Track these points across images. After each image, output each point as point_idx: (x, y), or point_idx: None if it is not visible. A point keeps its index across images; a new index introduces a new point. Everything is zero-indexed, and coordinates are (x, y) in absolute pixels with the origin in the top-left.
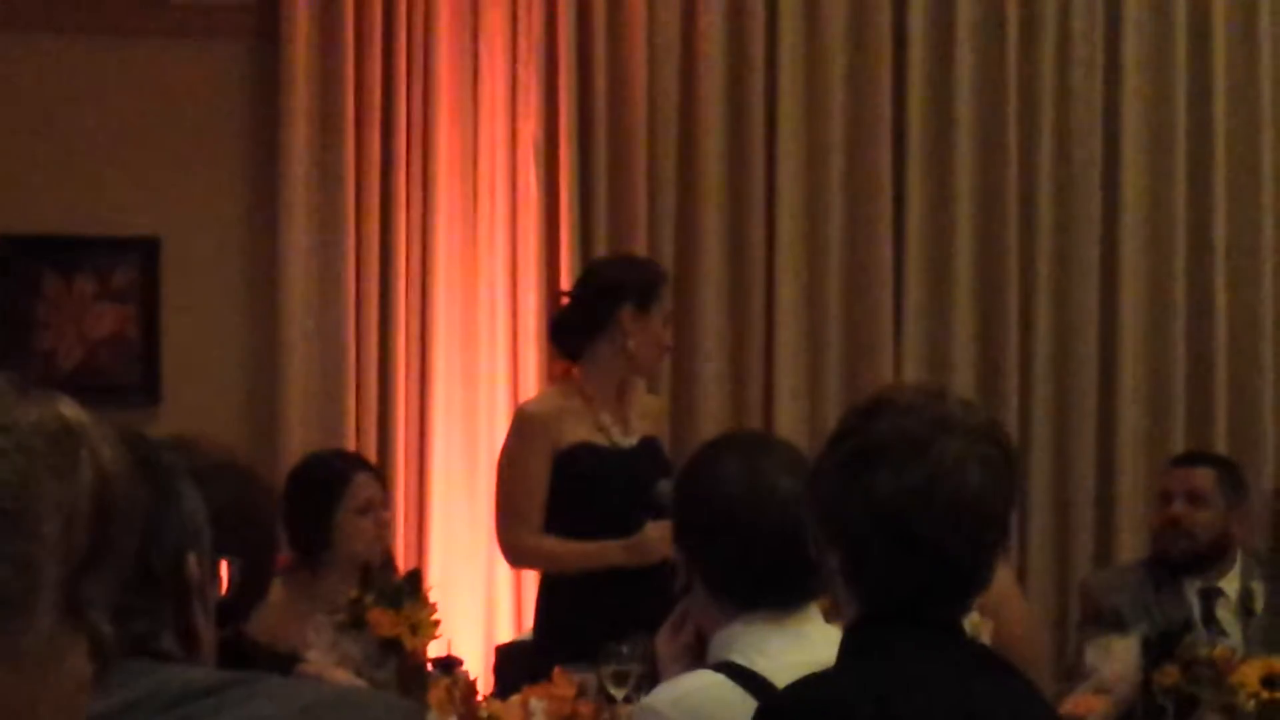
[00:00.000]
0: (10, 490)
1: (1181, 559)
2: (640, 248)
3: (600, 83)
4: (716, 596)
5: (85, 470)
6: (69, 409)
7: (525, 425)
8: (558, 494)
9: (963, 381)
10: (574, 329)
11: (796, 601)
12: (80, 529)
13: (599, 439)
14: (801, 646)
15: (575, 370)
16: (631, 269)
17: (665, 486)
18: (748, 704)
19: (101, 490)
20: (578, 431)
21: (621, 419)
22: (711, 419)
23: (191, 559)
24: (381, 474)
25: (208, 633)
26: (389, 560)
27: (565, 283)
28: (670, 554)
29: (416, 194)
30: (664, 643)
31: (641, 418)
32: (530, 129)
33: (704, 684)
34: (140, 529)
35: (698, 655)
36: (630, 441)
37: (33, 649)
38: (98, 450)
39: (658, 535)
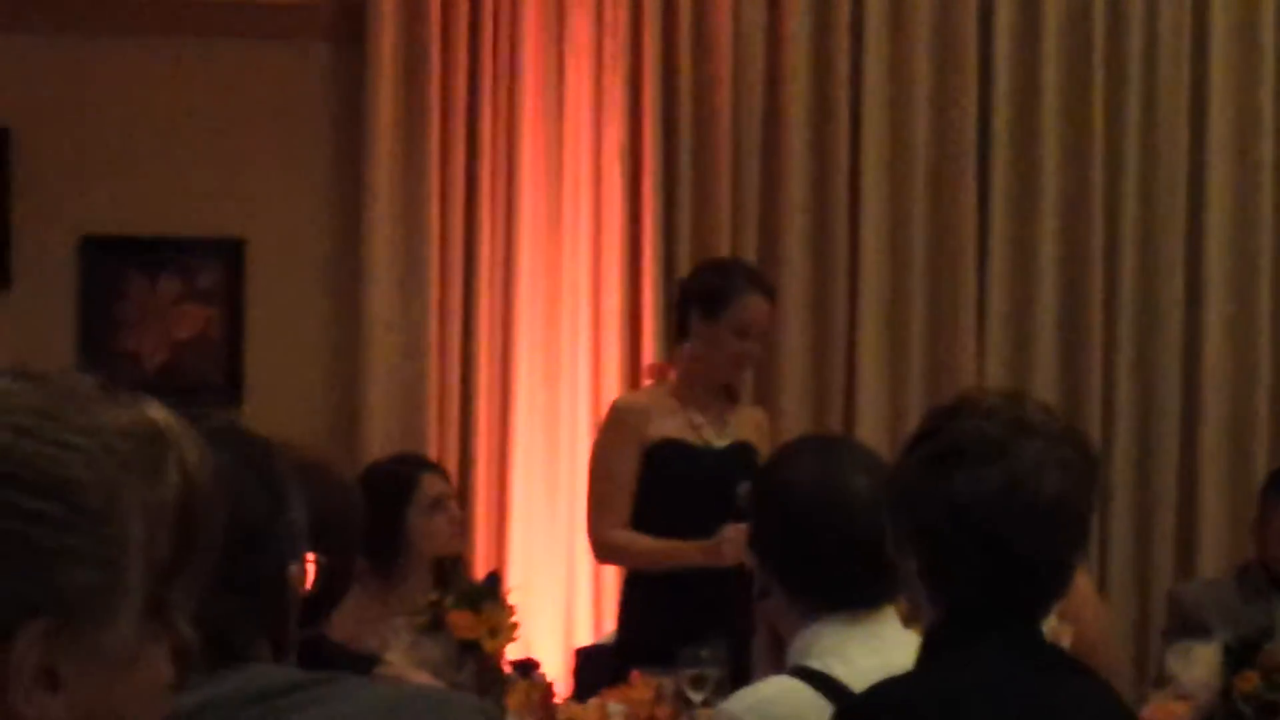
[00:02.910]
0: (97, 492)
1: None
2: (723, 251)
3: (684, 86)
4: (794, 599)
5: (172, 474)
6: (157, 412)
7: (615, 418)
8: (644, 489)
9: (1045, 386)
10: (674, 328)
11: (873, 603)
12: (165, 533)
13: (689, 436)
14: (878, 650)
15: (672, 369)
16: (705, 275)
17: (745, 489)
18: (825, 709)
19: (187, 495)
20: (667, 427)
21: (718, 420)
22: (793, 420)
23: (294, 568)
24: (446, 472)
25: (294, 636)
26: (459, 556)
27: (648, 286)
28: (747, 558)
29: (500, 196)
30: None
31: (743, 423)
32: (615, 133)
33: (781, 690)
34: (226, 533)
35: (777, 659)
36: (723, 443)
37: (114, 650)
38: (184, 454)
39: (734, 538)
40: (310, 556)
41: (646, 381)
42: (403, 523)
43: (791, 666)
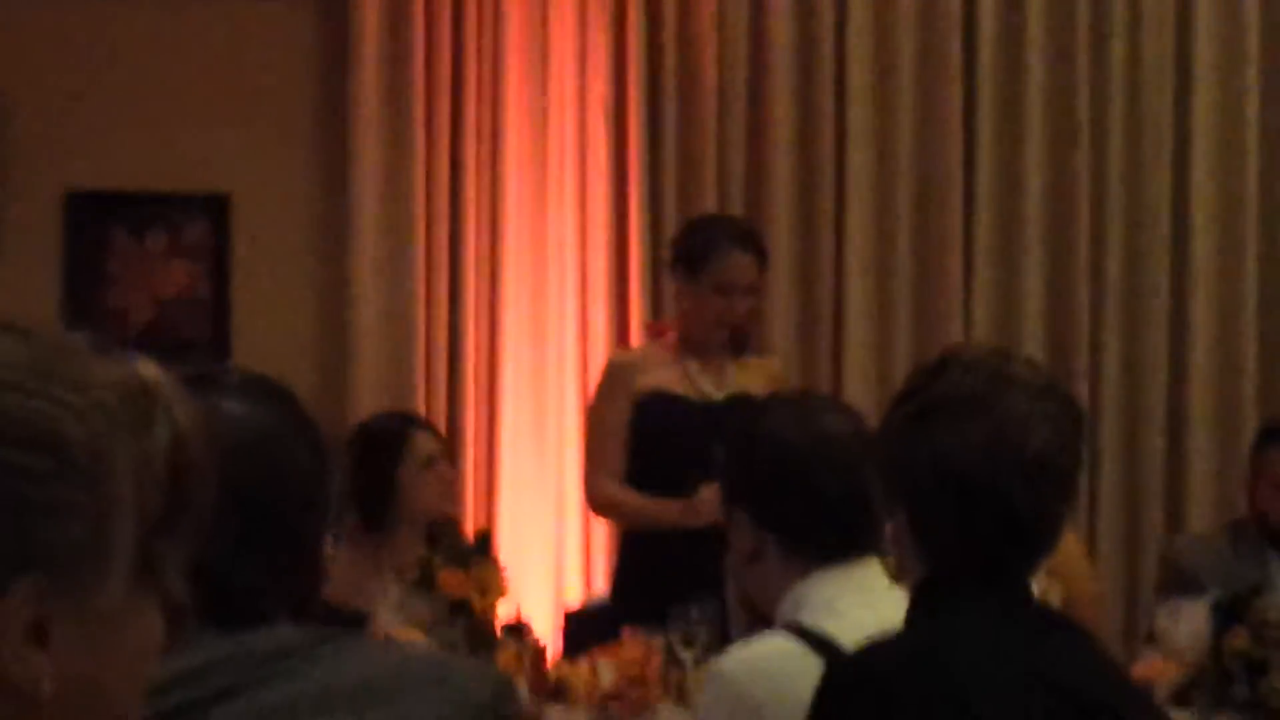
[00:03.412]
0: (86, 447)
1: None
2: (709, 208)
3: (669, 43)
4: (785, 552)
5: (162, 430)
6: (147, 369)
7: (608, 371)
8: (635, 441)
9: (1032, 346)
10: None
11: (861, 550)
12: (156, 489)
13: (682, 388)
14: (869, 604)
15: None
16: (688, 233)
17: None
18: (816, 665)
19: (178, 451)
20: (660, 378)
21: (718, 371)
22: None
23: (329, 541)
24: (439, 431)
25: (319, 606)
26: (453, 520)
27: (634, 245)
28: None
29: (486, 152)
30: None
31: (750, 376)
32: (599, 89)
33: (773, 648)
34: (274, 494)
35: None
36: (720, 394)
37: (105, 607)
38: (175, 411)
39: (710, 498)
40: None
41: (642, 340)
42: (394, 480)
43: (784, 623)
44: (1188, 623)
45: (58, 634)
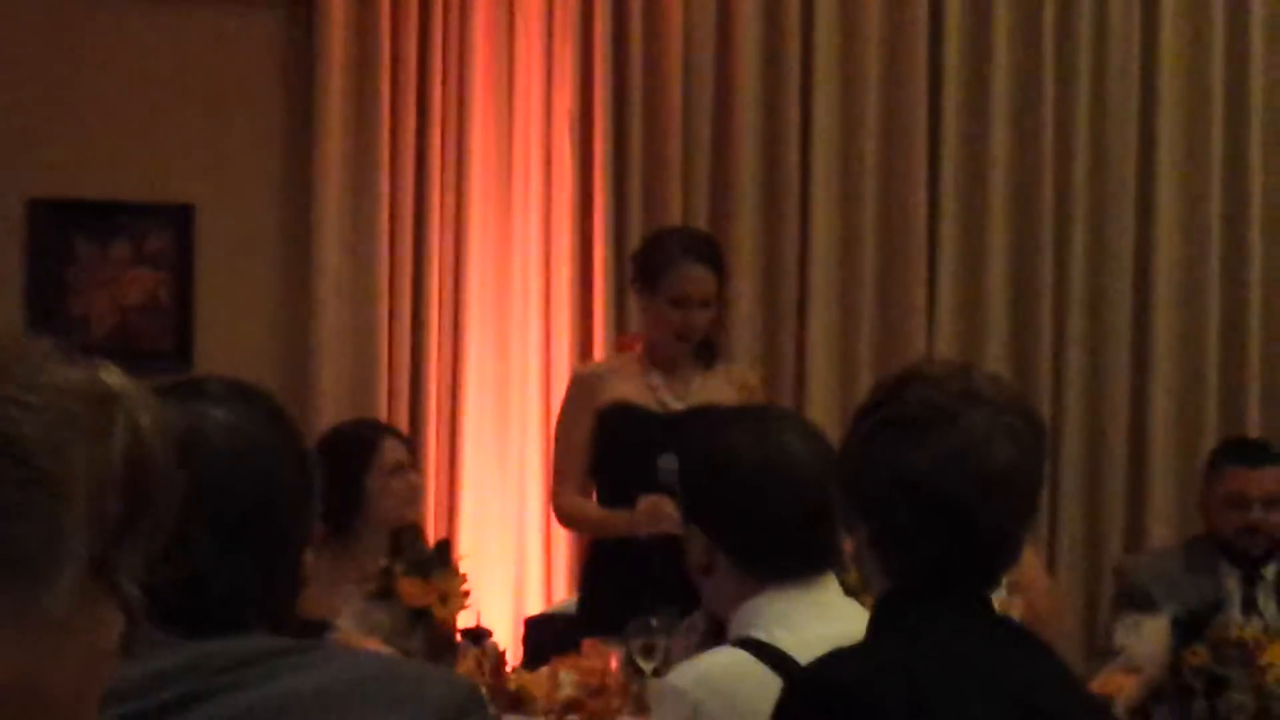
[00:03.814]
0: (41, 449)
1: (1262, 558)
2: (674, 219)
3: (635, 55)
4: (738, 570)
5: (120, 435)
6: (110, 375)
7: (571, 384)
8: (598, 452)
9: (995, 359)
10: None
11: (817, 570)
12: (113, 494)
13: (643, 399)
14: (824, 619)
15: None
16: (643, 248)
17: (667, 461)
18: (770, 680)
19: (138, 457)
20: (622, 390)
21: (682, 383)
22: None
23: (310, 555)
24: (407, 439)
25: (295, 617)
26: (417, 527)
27: (599, 255)
28: (676, 526)
29: (451, 161)
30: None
31: (717, 387)
32: (565, 100)
33: (726, 661)
34: (257, 501)
35: (715, 635)
36: (681, 406)
37: (53, 611)
38: (135, 417)
39: (647, 509)
40: None
41: (610, 353)
42: (361, 486)
43: (736, 638)
44: (1148, 638)
45: (5, 635)
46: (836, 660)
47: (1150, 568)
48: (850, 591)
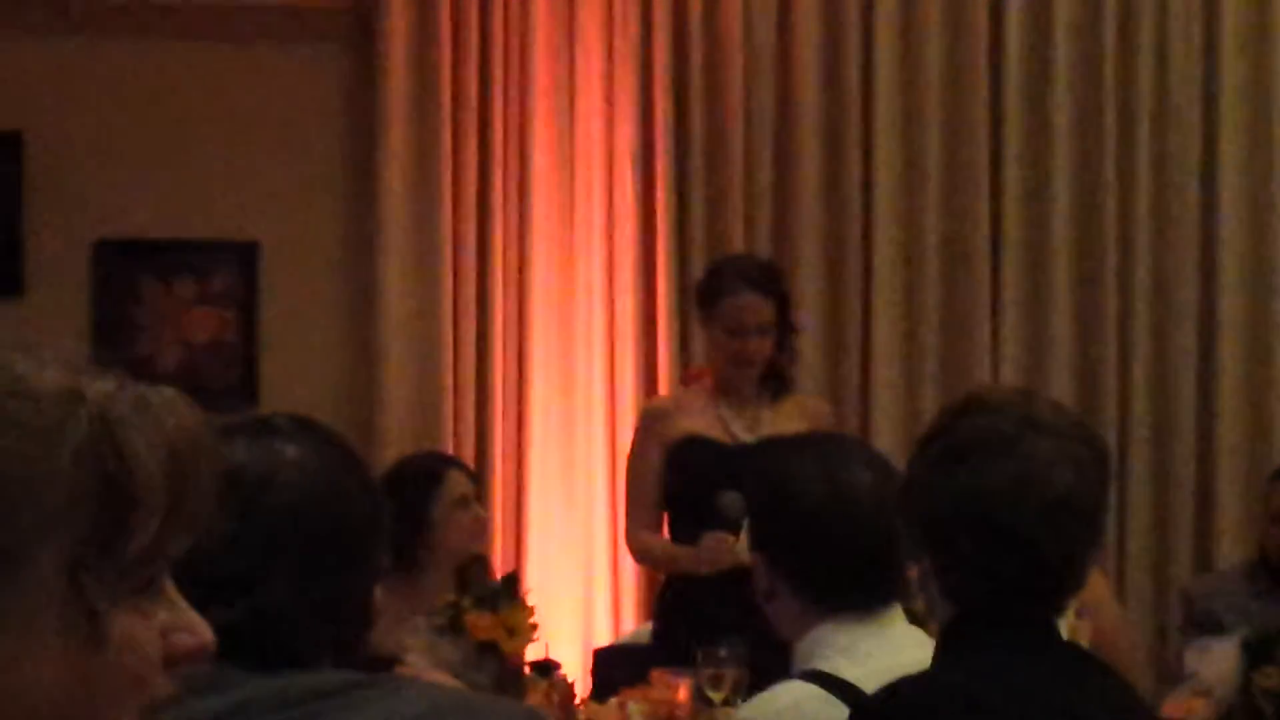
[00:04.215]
0: None
1: None
2: (736, 249)
3: (696, 85)
4: (802, 601)
5: (79, 443)
6: (92, 382)
7: (641, 419)
8: (670, 487)
9: (1060, 386)
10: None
11: (881, 602)
12: (80, 505)
13: (714, 432)
14: (889, 649)
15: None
16: (704, 276)
17: (728, 499)
18: (841, 713)
19: (113, 469)
20: (692, 424)
21: (753, 415)
22: None
23: (379, 591)
24: (473, 472)
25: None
26: (483, 559)
27: (661, 285)
28: (737, 563)
29: (513, 197)
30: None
31: (785, 418)
32: (626, 132)
33: (797, 697)
34: (327, 542)
35: (782, 659)
36: (752, 438)
37: (17, 623)
38: (113, 428)
39: (711, 546)
40: None
41: (676, 385)
42: (426, 518)
43: (802, 670)
44: (1217, 661)
45: None
46: (901, 689)
47: (1216, 590)
48: (917, 619)
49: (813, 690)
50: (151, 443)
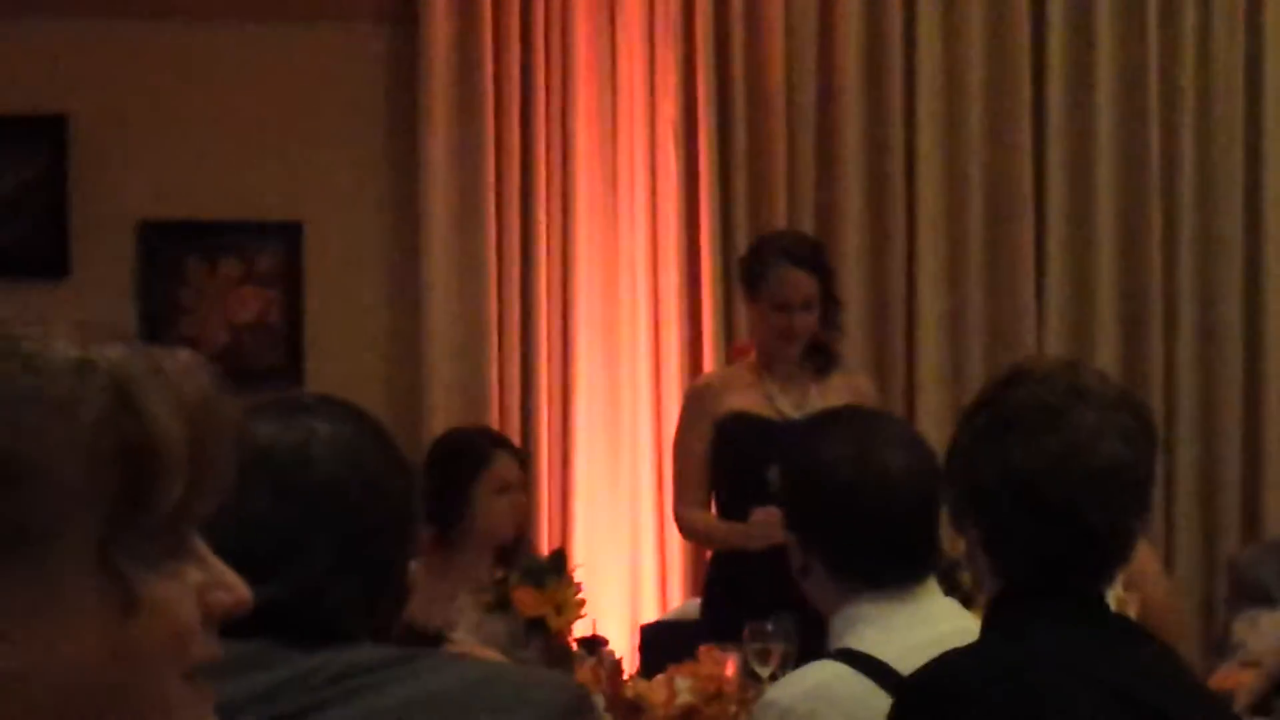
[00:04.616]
0: (10, 439)
1: None
2: (780, 224)
3: (738, 62)
4: (835, 578)
5: (99, 413)
6: (109, 349)
7: (687, 397)
8: (718, 464)
9: (1106, 358)
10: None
11: (915, 578)
12: (102, 474)
13: (762, 409)
14: (924, 622)
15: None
16: (748, 253)
17: (776, 473)
18: (872, 692)
19: (135, 436)
20: (740, 401)
21: (800, 391)
22: None
23: (414, 566)
24: (525, 455)
25: (398, 629)
26: (524, 541)
27: (705, 262)
28: (784, 537)
29: (556, 175)
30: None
31: (832, 394)
32: (669, 109)
33: (827, 676)
34: (365, 517)
35: (818, 635)
36: (799, 414)
37: (53, 598)
38: (133, 394)
39: (762, 521)
40: None
41: (723, 361)
42: (468, 496)
43: (834, 649)
44: (1266, 632)
45: (7, 627)
46: (949, 662)
47: (1265, 561)
48: (965, 594)
49: (841, 670)
50: (169, 405)
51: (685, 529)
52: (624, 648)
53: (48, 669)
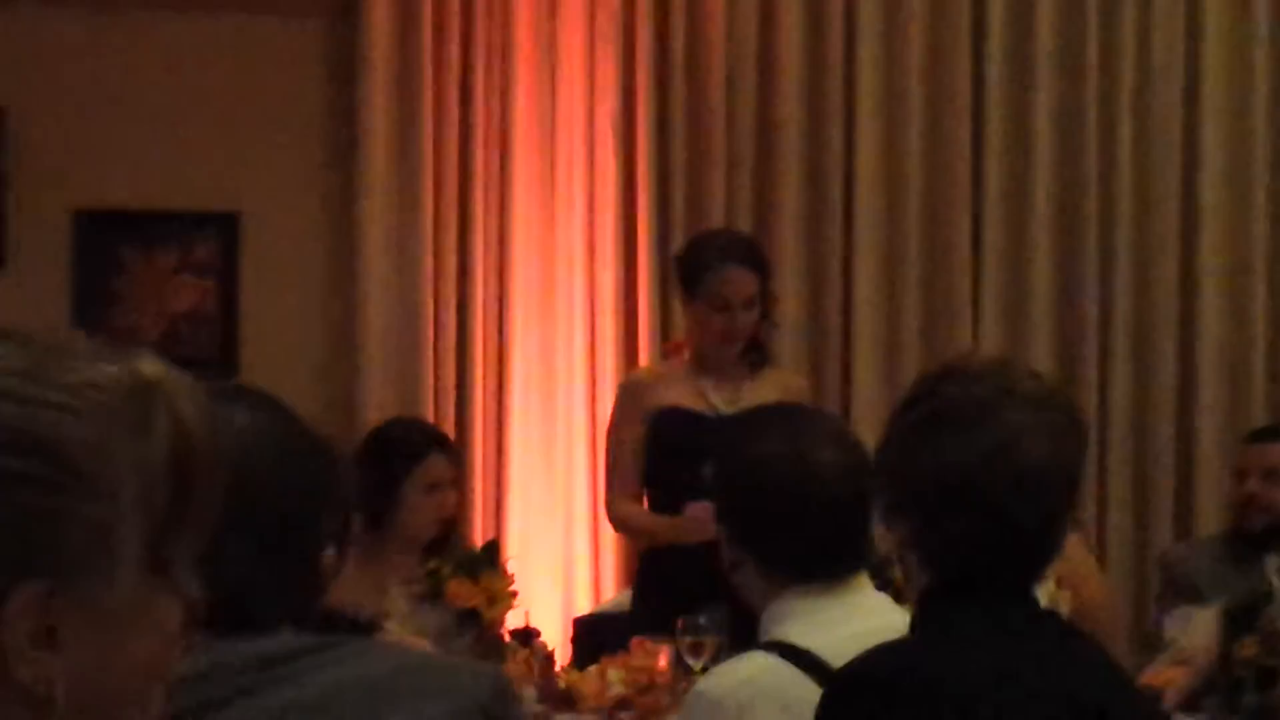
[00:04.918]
0: (84, 449)
1: (1260, 534)
2: (717, 222)
3: (678, 59)
4: (767, 572)
5: (162, 427)
6: (149, 365)
7: (621, 390)
8: (650, 458)
9: (1041, 358)
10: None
11: (847, 572)
12: (160, 487)
13: (694, 404)
14: (855, 616)
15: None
16: (685, 251)
17: (710, 470)
18: (802, 683)
19: (181, 448)
20: (673, 395)
21: (732, 387)
22: None
23: (331, 551)
24: (459, 454)
25: (317, 615)
26: (453, 537)
27: (643, 259)
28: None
29: (494, 170)
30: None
31: (764, 391)
32: (608, 105)
33: (757, 668)
34: (275, 504)
35: (748, 629)
36: (731, 410)
37: (114, 608)
38: (178, 407)
39: (696, 516)
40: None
41: (656, 358)
42: (399, 490)
43: (765, 641)
44: (1198, 630)
45: (68, 636)
46: (879, 656)
47: (1195, 558)
48: (897, 588)
49: (772, 661)
50: (199, 420)
51: (617, 522)
52: (557, 639)
53: (98, 678)
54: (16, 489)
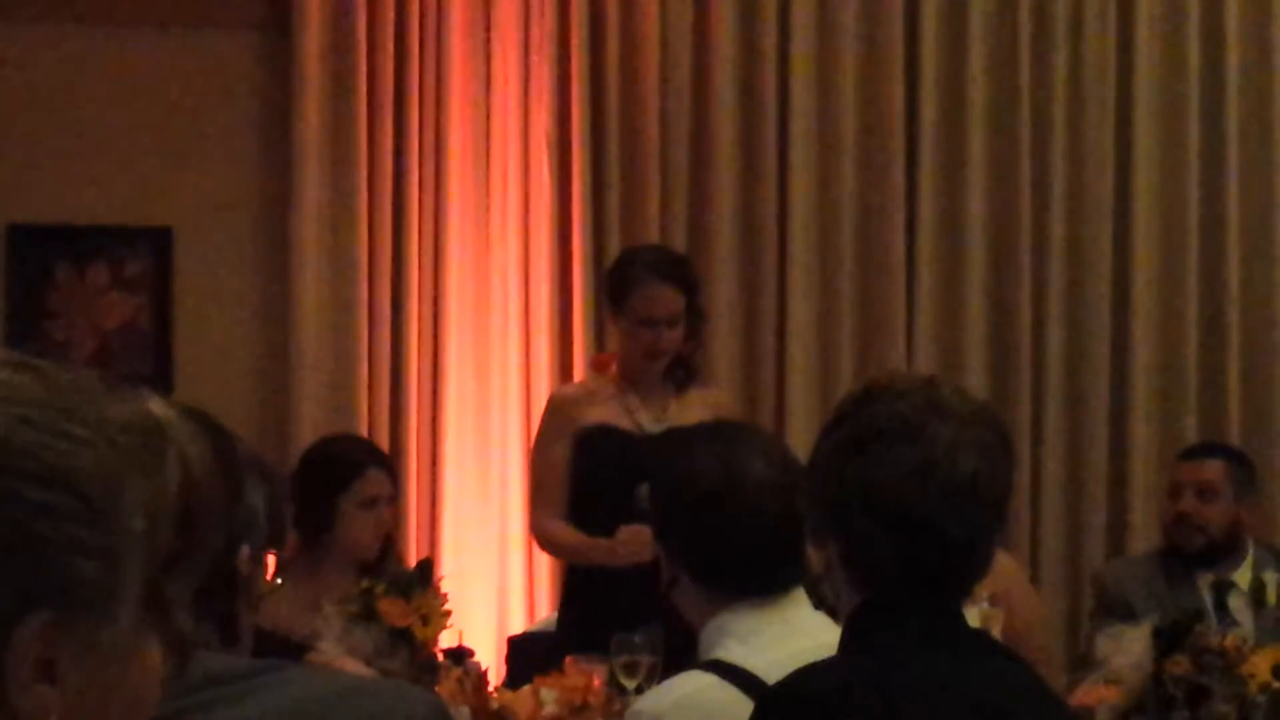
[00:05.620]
0: (101, 484)
1: (1194, 552)
2: (653, 239)
3: (613, 73)
4: (703, 589)
5: (172, 468)
6: (157, 406)
7: (548, 407)
8: (577, 476)
9: (974, 376)
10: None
11: (782, 588)
12: (166, 528)
13: (621, 422)
14: (792, 634)
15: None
16: (613, 267)
17: (644, 491)
18: (741, 703)
19: (188, 491)
20: (600, 413)
21: (659, 405)
22: None
23: (244, 551)
24: (395, 470)
25: (248, 623)
26: (391, 554)
27: (578, 275)
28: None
29: (429, 185)
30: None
31: (690, 409)
32: (543, 120)
33: (695, 687)
34: (223, 529)
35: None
36: (658, 428)
37: (113, 642)
38: (185, 450)
39: (628, 539)
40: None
41: (588, 374)
42: (335, 507)
43: (703, 660)
44: (1129, 648)
45: (66, 669)
46: (807, 675)
47: (1128, 575)
48: (827, 606)
49: (710, 680)
50: (205, 466)
51: (542, 540)
52: (491, 659)
53: (93, 713)
54: (34, 517)
